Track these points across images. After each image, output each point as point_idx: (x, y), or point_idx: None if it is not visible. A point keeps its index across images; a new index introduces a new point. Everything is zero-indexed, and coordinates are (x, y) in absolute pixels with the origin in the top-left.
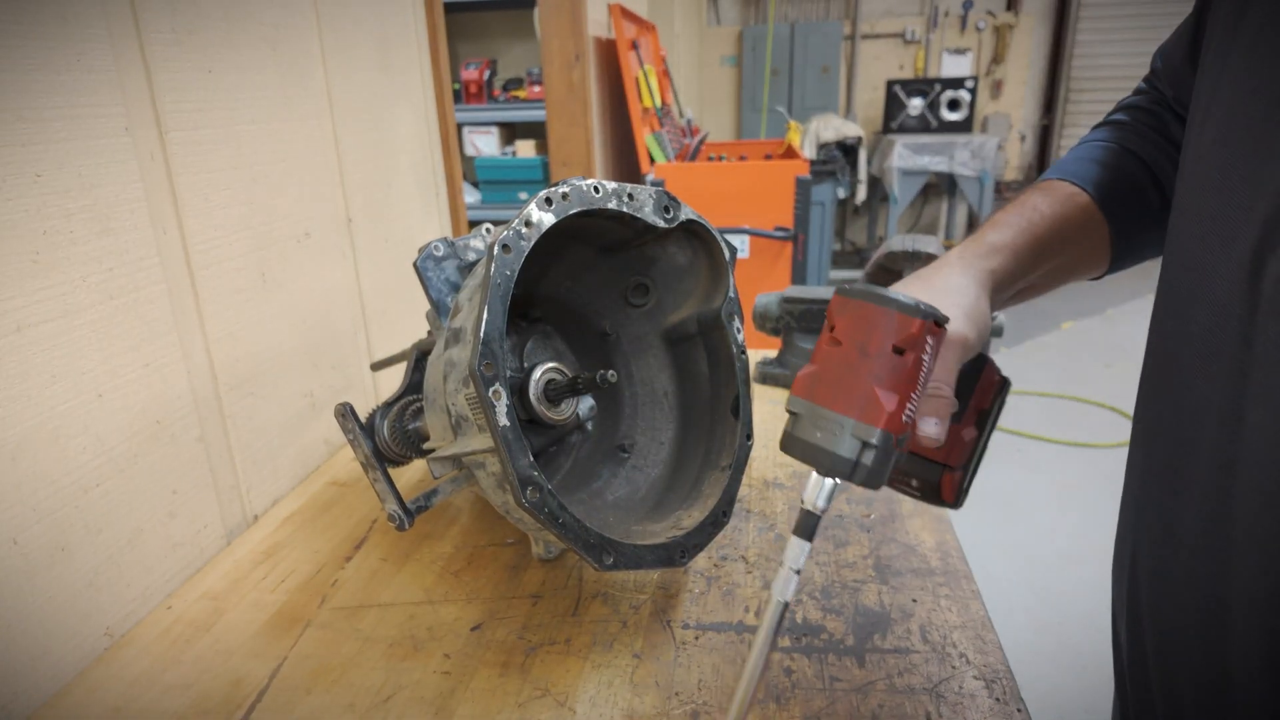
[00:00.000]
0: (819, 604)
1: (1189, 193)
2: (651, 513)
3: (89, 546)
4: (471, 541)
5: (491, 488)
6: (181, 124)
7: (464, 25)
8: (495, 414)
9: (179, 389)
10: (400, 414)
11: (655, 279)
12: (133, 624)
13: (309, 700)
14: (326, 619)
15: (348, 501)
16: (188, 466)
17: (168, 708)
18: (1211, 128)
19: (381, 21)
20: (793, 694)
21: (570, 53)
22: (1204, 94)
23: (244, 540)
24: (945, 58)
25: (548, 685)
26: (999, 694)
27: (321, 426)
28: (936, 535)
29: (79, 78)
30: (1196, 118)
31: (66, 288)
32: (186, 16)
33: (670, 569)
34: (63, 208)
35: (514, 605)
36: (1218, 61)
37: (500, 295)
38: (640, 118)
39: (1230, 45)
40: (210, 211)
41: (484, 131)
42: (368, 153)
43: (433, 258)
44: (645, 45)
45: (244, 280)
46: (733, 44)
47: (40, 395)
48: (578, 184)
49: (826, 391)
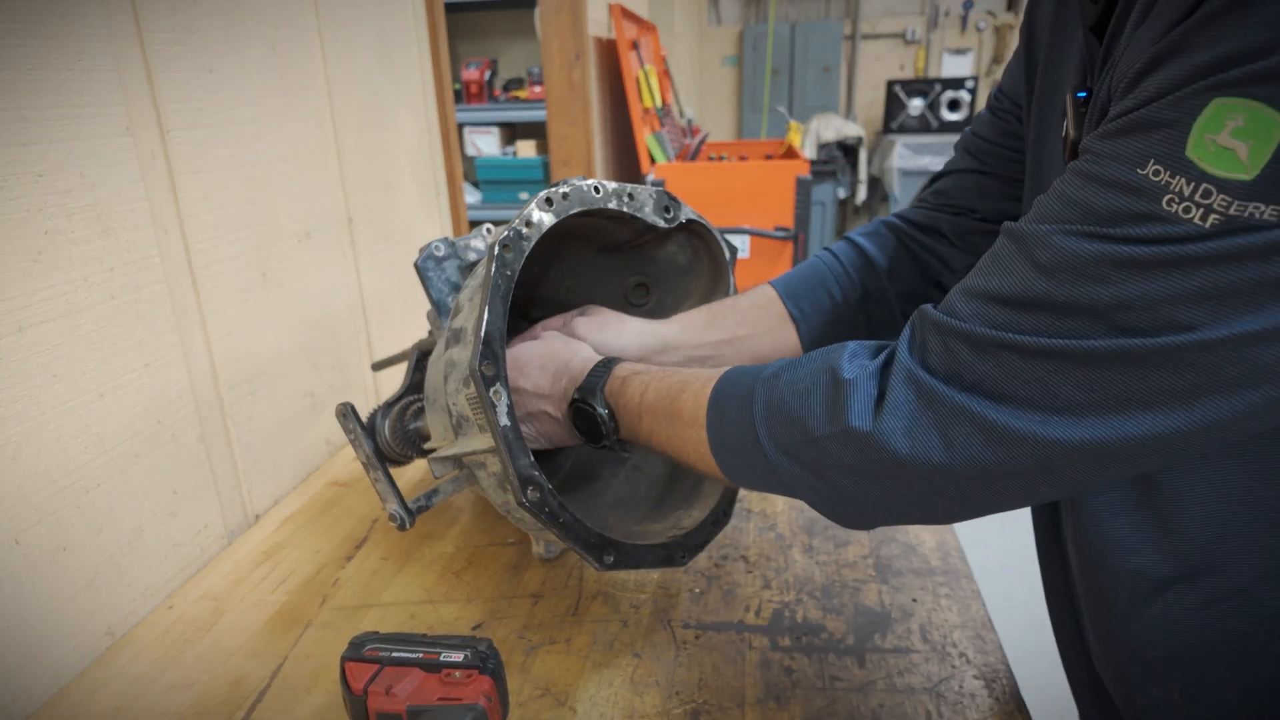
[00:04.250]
0: (819, 604)
1: None
2: (652, 513)
3: (90, 546)
4: (472, 541)
5: (492, 487)
6: (182, 123)
7: (464, 25)
8: (496, 414)
9: (180, 389)
10: (401, 414)
11: (656, 279)
12: (133, 624)
13: (309, 700)
14: (327, 619)
15: (348, 501)
16: (188, 466)
17: (168, 708)
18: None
19: (382, 21)
20: (793, 693)
21: (570, 53)
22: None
23: (245, 540)
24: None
25: (548, 685)
26: (999, 694)
27: (322, 426)
28: (937, 535)
29: (80, 77)
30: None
31: (68, 287)
32: (187, 16)
33: (671, 569)
34: (64, 207)
35: (514, 605)
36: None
37: (501, 295)
38: (640, 118)
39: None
40: (211, 211)
41: (484, 131)
42: (368, 153)
43: (433, 258)
44: (646, 45)
45: (245, 280)
46: (733, 44)
47: (41, 395)
48: (578, 184)
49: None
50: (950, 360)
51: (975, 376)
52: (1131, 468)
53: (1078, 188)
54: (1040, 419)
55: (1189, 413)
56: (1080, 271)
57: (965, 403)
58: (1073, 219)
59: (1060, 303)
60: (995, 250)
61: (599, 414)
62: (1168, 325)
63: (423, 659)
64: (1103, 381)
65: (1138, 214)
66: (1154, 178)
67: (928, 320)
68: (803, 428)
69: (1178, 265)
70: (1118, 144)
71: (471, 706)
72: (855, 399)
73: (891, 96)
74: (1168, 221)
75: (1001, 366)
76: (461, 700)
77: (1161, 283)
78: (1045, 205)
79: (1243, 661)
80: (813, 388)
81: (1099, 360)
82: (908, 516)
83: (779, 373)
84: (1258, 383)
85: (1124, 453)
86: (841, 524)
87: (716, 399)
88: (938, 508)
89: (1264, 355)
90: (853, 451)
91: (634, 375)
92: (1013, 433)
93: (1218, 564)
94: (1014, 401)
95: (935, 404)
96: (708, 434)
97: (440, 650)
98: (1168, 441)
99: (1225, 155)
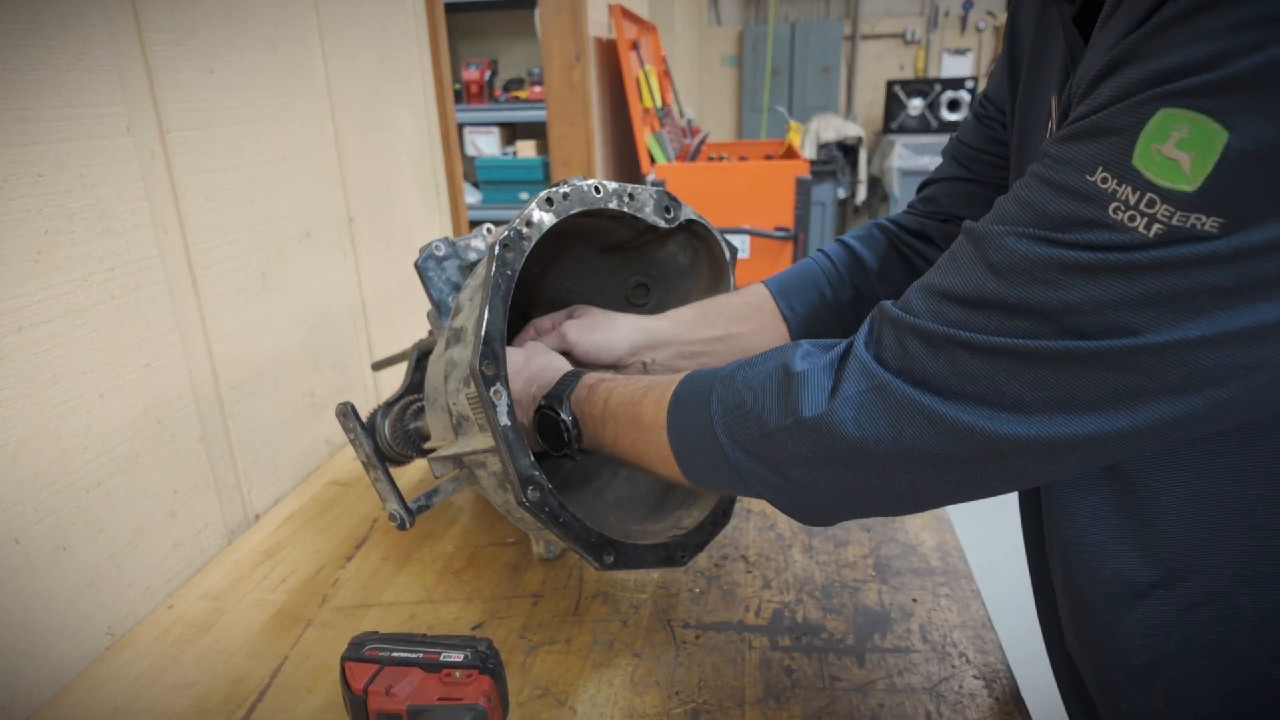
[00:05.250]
0: (819, 604)
1: None
2: (652, 512)
3: (90, 546)
4: (472, 541)
5: (492, 487)
6: (182, 124)
7: (464, 25)
8: (496, 414)
9: (180, 388)
10: (401, 413)
11: (656, 279)
12: (134, 623)
13: (310, 700)
14: (327, 618)
15: (348, 501)
16: (189, 466)
17: (168, 707)
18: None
19: (382, 22)
20: (793, 693)
21: (571, 53)
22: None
23: (245, 540)
24: (945, 58)
25: (548, 685)
26: (999, 694)
27: (322, 426)
28: (937, 535)
29: (80, 78)
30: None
31: (68, 287)
32: (187, 16)
33: (671, 568)
34: (64, 207)
35: (514, 605)
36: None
37: (501, 295)
38: (641, 118)
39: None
40: (211, 211)
41: (485, 131)
42: (369, 153)
43: (434, 257)
44: (646, 45)
45: (245, 280)
46: (733, 44)
47: (42, 395)
48: (578, 184)
49: None
50: (903, 355)
51: (926, 372)
52: (1078, 464)
53: (1033, 191)
54: (988, 414)
55: (1133, 414)
56: (1030, 274)
57: (916, 396)
58: (1026, 222)
59: (1010, 303)
60: (954, 249)
61: (563, 420)
62: (1113, 329)
63: (423, 659)
64: (1049, 381)
65: (1086, 220)
66: (1102, 185)
67: (885, 315)
68: (758, 422)
69: (1122, 272)
70: (1071, 148)
71: (471, 706)
72: (807, 390)
73: (891, 97)
74: (1114, 229)
75: (952, 363)
76: (461, 700)
77: (1107, 288)
78: (1003, 207)
79: (1224, 666)
80: (766, 383)
81: (1046, 360)
82: (864, 507)
83: (735, 372)
84: (1200, 386)
85: (1069, 449)
86: (801, 520)
87: (676, 401)
88: (891, 497)
89: (1205, 359)
90: (806, 441)
91: (600, 383)
92: (961, 426)
93: (1196, 568)
94: (963, 397)
95: (886, 395)
96: (668, 435)
97: (440, 650)
98: (1113, 440)
99: (1169, 166)
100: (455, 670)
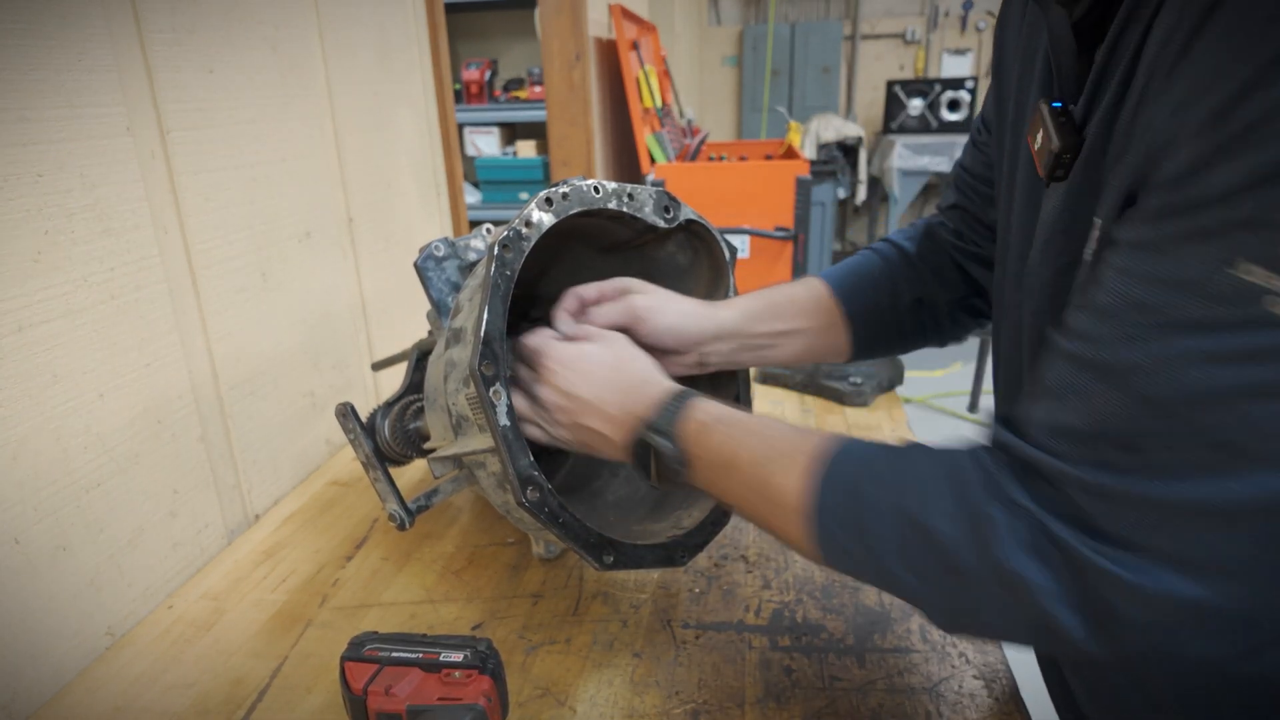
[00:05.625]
0: (819, 604)
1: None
2: (651, 512)
3: (90, 546)
4: (472, 541)
5: (492, 487)
6: (182, 124)
7: (464, 25)
8: (495, 414)
9: (180, 388)
10: (401, 414)
11: (656, 279)
12: (134, 623)
13: (310, 700)
14: (327, 618)
15: (348, 501)
16: (189, 466)
17: (168, 707)
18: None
19: (382, 22)
20: (793, 693)
21: (571, 53)
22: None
23: (245, 540)
24: (945, 58)
25: (548, 685)
26: (999, 694)
27: (322, 426)
28: None
29: (80, 78)
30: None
31: (68, 287)
32: (187, 16)
33: (671, 569)
34: (64, 208)
35: (514, 605)
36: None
37: (501, 295)
38: (640, 118)
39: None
40: (211, 211)
41: (485, 131)
42: (368, 153)
43: (433, 258)
44: (646, 45)
45: (245, 280)
46: (733, 44)
47: (42, 395)
48: (578, 184)
49: None
50: (1087, 517)
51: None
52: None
53: (1149, 291)
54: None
55: None
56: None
57: (1119, 572)
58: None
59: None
60: (1069, 380)
61: (670, 459)
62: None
63: (422, 659)
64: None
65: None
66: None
67: (1038, 470)
68: (942, 554)
69: None
70: (1197, 247)
71: (471, 706)
72: (1001, 535)
73: (891, 97)
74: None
75: (1140, 519)
76: (461, 700)
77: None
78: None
79: (1189, 668)
80: (948, 512)
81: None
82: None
83: (901, 485)
84: None
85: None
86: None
87: (825, 495)
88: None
89: None
90: (1005, 593)
91: (716, 425)
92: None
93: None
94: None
95: (1083, 572)
96: (817, 532)
97: (440, 650)
98: None
99: None
100: (455, 670)
